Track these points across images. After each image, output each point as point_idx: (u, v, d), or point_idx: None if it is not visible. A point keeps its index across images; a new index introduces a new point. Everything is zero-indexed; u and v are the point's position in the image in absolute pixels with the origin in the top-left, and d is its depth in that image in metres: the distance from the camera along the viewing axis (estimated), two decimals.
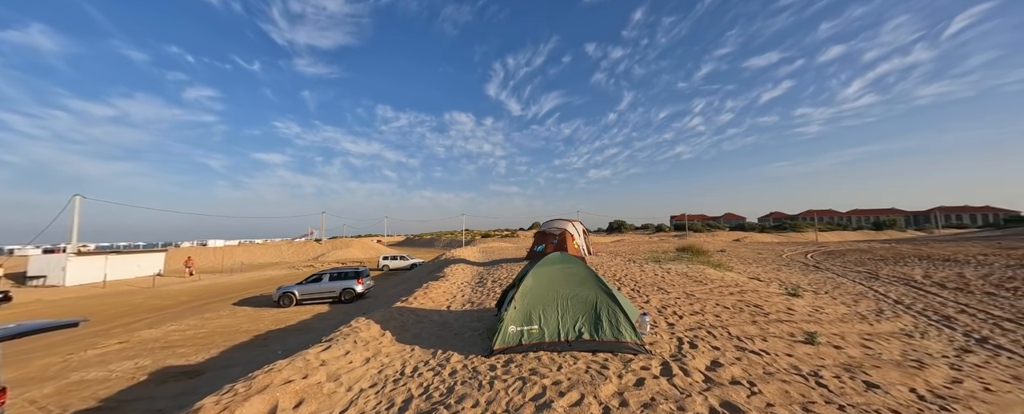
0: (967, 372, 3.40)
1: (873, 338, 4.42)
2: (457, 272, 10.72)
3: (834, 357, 3.47)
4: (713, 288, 6.79)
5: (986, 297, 7.27)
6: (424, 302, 6.30)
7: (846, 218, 63.16)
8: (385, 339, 3.92)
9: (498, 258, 16.42)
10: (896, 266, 12.36)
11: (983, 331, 5.08)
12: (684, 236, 36.43)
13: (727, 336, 3.91)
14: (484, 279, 8.99)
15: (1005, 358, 3.97)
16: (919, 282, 9.33)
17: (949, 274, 10.08)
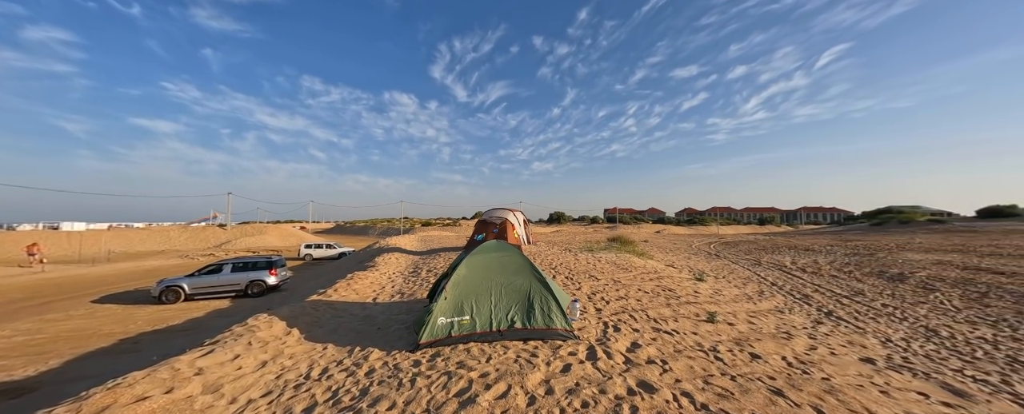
0: (820, 340, 4.19)
1: (756, 315, 5.22)
2: (390, 261, 10.05)
3: (728, 333, 3.98)
4: (636, 275, 7.40)
5: (832, 279, 9.18)
6: (346, 294, 5.72)
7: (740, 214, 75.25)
8: (290, 338, 3.40)
9: (437, 247, 15.88)
10: (773, 255, 14.95)
11: (829, 306, 6.37)
12: (615, 228, 39.65)
13: (646, 318, 4.23)
14: (419, 269, 8.55)
15: (843, 327, 5.02)
16: (788, 267, 11.42)
17: (809, 261, 12.52)
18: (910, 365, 3.52)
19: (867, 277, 9.14)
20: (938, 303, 6.45)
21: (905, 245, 14.69)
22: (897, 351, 4.02)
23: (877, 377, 3.08)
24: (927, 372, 3.34)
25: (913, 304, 6.48)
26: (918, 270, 9.21)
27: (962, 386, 3.03)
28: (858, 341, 4.31)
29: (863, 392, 2.62)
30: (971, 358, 3.88)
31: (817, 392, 2.46)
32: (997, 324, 5.13)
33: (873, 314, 5.85)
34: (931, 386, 3.00)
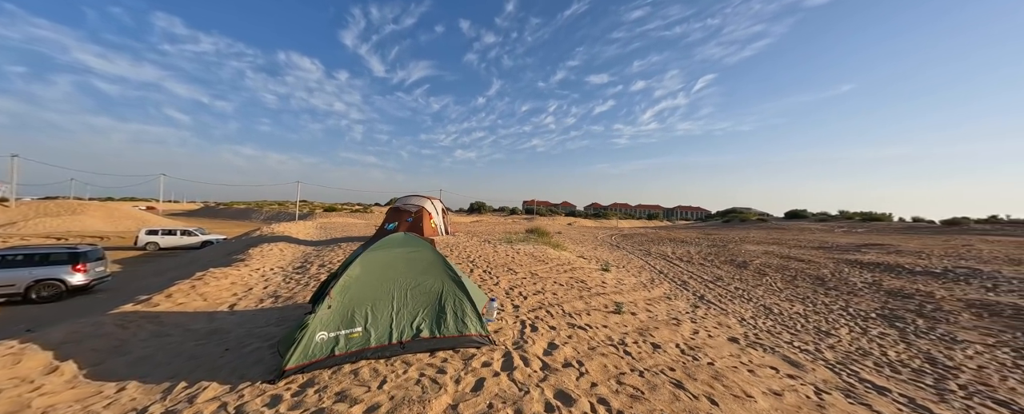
0: (699, 323, 4.83)
1: (651, 302, 5.81)
2: (270, 253, 8.27)
3: (632, 323, 4.26)
4: (552, 267, 7.60)
5: (701, 267, 11.08)
6: (187, 301, 4.30)
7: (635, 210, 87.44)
8: (55, 380, 2.23)
9: (340, 236, 13.94)
10: (659, 246, 17.46)
11: (701, 291, 7.57)
12: (532, 219, 41.55)
13: (562, 313, 4.23)
14: (308, 263, 7.17)
15: (713, 310, 5.96)
16: (670, 257, 13.45)
17: (684, 251, 14.98)
18: (760, 341, 4.29)
19: (723, 265, 11.31)
20: (769, 285, 8.29)
21: (745, 239, 18.82)
22: (750, 329, 4.90)
23: (743, 356, 3.61)
24: (772, 346, 4.09)
25: (754, 286, 8.19)
26: (754, 259, 11.78)
27: (795, 357, 3.76)
28: (724, 322, 5.13)
29: (738, 374, 2.99)
30: (794, 330, 4.97)
31: (707, 380, 2.69)
32: (805, 301, 6.79)
33: (730, 296, 7.17)
34: (777, 359, 3.65)
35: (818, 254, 12.20)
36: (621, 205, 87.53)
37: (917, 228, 21.84)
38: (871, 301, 6.47)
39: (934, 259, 9.80)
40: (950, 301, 5.99)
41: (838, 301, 6.62)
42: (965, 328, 4.85)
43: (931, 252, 11.19)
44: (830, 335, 4.73)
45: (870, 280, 7.94)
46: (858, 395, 2.87)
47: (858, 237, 17.36)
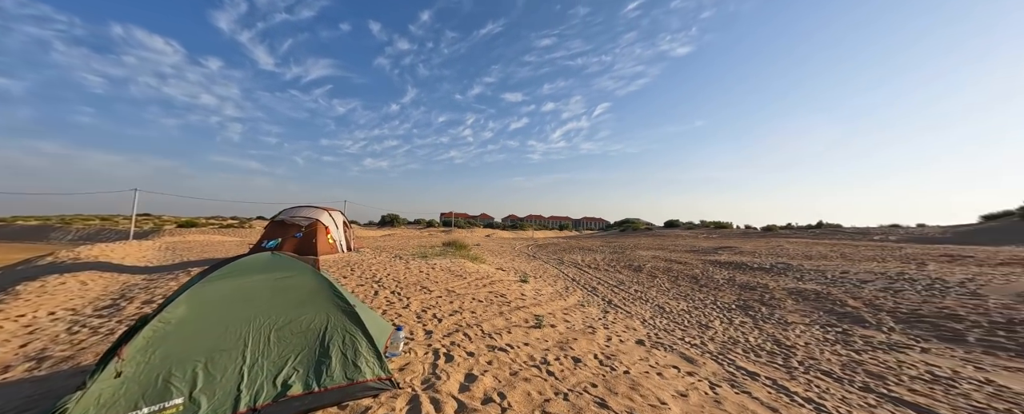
0: (611, 329, 5.07)
1: (568, 312, 5.93)
2: (56, 290, 5.79)
3: (553, 336, 4.17)
4: (471, 282, 7.21)
5: (606, 272, 12.13)
6: None
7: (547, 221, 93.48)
8: None
9: (196, 258, 10.94)
10: (570, 254, 18.67)
11: (609, 296, 8.17)
12: (450, 231, 40.33)
13: (481, 334, 3.88)
14: (126, 300, 5.16)
15: (620, 314, 6.42)
16: (580, 265, 14.44)
17: (591, 259, 16.32)
18: (661, 341, 4.69)
19: (623, 270, 12.63)
20: (659, 286, 9.49)
21: (637, 245, 21.64)
22: (651, 329, 5.37)
23: (650, 358, 3.83)
24: (669, 345, 4.49)
25: (648, 288, 9.27)
26: (646, 263, 13.49)
27: (688, 353, 4.18)
28: (631, 325, 5.52)
29: (650, 379, 3.10)
30: (683, 327, 5.64)
31: (627, 392, 2.69)
32: (686, 298, 7.92)
33: (632, 299, 7.91)
34: (676, 357, 3.98)
35: (690, 256, 14.71)
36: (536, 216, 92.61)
37: (748, 234, 28.58)
38: (730, 294, 7.91)
39: (763, 257, 12.76)
40: (778, 290, 7.71)
41: (709, 296, 7.91)
42: (790, 311, 6.24)
43: (760, 251, 14.61)
44: (709, 328, 5.51)
45: (728, 277, 9.78)
46: (739, 383, 3.25)
47: (714, 241, 21.75)
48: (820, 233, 24.72)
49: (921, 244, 14.73)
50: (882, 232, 22.18)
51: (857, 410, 2.82)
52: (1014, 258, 8.72)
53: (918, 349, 4.23)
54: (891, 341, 4.53)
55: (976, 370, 3.56)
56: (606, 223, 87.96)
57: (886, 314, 5.52)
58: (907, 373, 3.58)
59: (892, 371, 3.62)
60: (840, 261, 10.61)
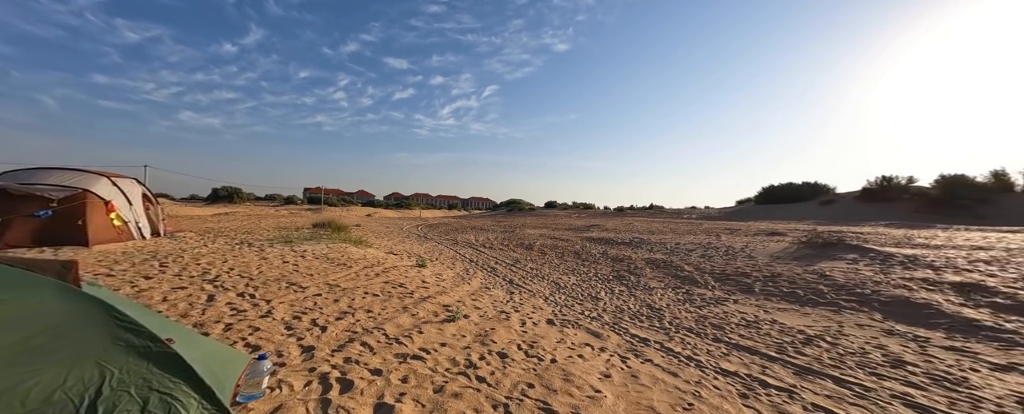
0: (522, 311, 5.06)
1: (475, 297, 5.66)
2: None
3: (470, 329, 3.81)
4: (359, 271, 6.05)
5: (501, 252, 12.45)
6: None
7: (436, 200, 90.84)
8: None
9: None
10: (463, 235, 18.48)
11: (509, 275, 8.32)
12: (320, 210, 34.21)
13: (386, 341, 3.17)
14: None
15: (524, 293, 6.56)
16: (475, 245, 14.42)
17: (485, 238, 16.53)
18: (566, 318, 4.95)
19: (517, 248, 13.25)
20: (551, 262, 10.30)
21: (525, 224, 23.21)
22: (554, 306, 5.65)
23: (565, 339, 3.94)
24: (575, 321, 4.79)
25: (541, 265, 9.94)
26: (536, 241, 14.52)
27: (592, 327, 4.52)
28: (537, 304, 5.68)
29: (575, 364, 3.13)
30: (580, 300, 6.18)
31: (563, 386, 2.60)
32: (574, 272, 8.82)
33: (530, 277, 8.29)
34: (585, 334, 4.23)
35: (570, 234, 16.64)
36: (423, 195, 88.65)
37: (607, 214, 34.62)
38: (606, 267, 9.22)
39: (623, 233, 15.53)
40: (639, 261, 9.41)
41: (591, 269, 9.01)
42: (651, 278, 7.66)
43: (620, 229, 17.77)
44: (598, 299, 6.19)
45: (601, 251, 11.41)
46: (640, 352, 3.66)
47: (585, 220, 25.39)
48: (653, 213, 31.94)
49: (711, 221, 20.74)
50: (688, 212, 30.34)
51: (718, 360, 3.52)
52: (761, 230, 13.13)
53: (731, 301, 5.76)
54: (716, 296, 6.04)
55: (765, 313, 5.06)
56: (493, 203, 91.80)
57: (709, 275, 7.39)
58: (731, 321, 4.78)
59: (724, 321, 4.77)
60: (672, 235, 13.83)
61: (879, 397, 2.82)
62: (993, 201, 17.91)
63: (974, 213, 17.09)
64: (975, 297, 4.99)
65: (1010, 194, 18.49)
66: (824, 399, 2.78)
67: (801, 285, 6.22)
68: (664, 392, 2.72)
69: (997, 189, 18.74)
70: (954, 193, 18.59)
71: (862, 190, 22.68)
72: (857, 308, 5.09)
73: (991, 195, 18.32)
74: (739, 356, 3.65)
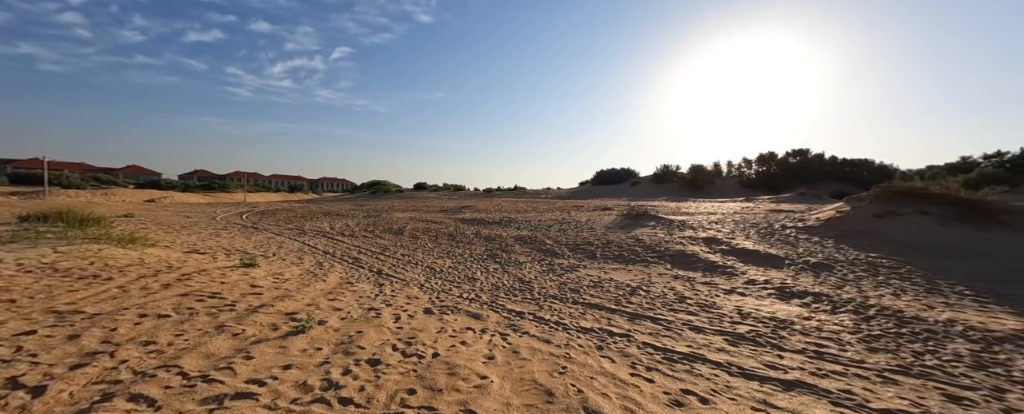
0: (395, 304, 4.52)
1: (334, 296, 4.72)
2: None
3: (327, 338, 3.09)
4: (128, 284, 4.02)
5: (365, 239, 11.00)
6: None
7: (269, 181, 72.24)
8: None
9: None
10: (313, 222, 15.47)
11: (376, 265, 7.40)
12: (41, 195, 21.56)
13: (183, 385, 2.16)
14: None
15: (396, 282, 5.93)
16: (330, 233, 12.26)
17: (343, 225, 14.28)
18: (445, 303, 4.75)
19: (384, 234, 12.01)
20: (423, 247, 9.79)
21: (392, 208, 21.38)
22: (430, 293, 5.34)
23: (446, 327, 3.74)
24: (454, 306, 4.65)
25: (414, 250, 9.32)
26: (406, 225, 13.57)
27: (471, 309, 4.49)
28: (411, 293, 5.23)
29: (458, 353, 2.98)
30: (457, 283, 6.07)
31: (447, 381, 2.39)
32: (449, 255, 8.66)
33: (402, 264, 7.62)
34: (465, 318, 4.15)
35: (443, 216, 16.33)
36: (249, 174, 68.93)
37: (477, 195, 35.86)
38: (480, 247, 9.47)
39: (493, 213, 16.35)
40: (508, 239, 10.09)
41: (466, 250, 9.07)
42: (520, 254, 8.32)
43: (490, 209, 18.65)
44: (475, 280, 6.26)
45: (474, 232, 11.67)
46: (518, 326, 3.84)
47: (457, 202, 25.49)
48: (518, 194, 35.05)
49: (563, 200, 24.38)
50: (545, 193, 34.77)
51: (579, 319, 4.08)
52: (597, 206, 16.28)
53: (582, 267, 6.87)
54: (571, 264, 7.08)
55: (605, 274, 6.25)
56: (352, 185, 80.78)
57: (565, 246, 8.60)
58: (584, 284, 5.68)
59: (578, 285, 5.62)
60: (535, 213, 15.48)
61: (676, 327, 3.88)
62: (715, 183, 28.09)
63: (707, 191, 26.35)
64: (713, 246, 7.62)
65: (722, 178, 29.36)
66: (648, 337, 3.61)
67: (625, 248, 8.02)
68: (542, 361, 2.92)
69: (716, 174, 29.41)
70: (697, 177, 28.14)
71: (653, 175, 31.35)
72: (657, 262, 6.94)
73: (714, 178, 28.61)
74: (592, 313, 4.34)
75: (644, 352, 3.24)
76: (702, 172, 28.95)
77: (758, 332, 3.70)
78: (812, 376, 2.80)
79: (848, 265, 6.20)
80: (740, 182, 26.84)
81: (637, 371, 2.84)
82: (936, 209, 8.05)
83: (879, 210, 8.54)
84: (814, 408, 2.37)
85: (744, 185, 26.02)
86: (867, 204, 9.00)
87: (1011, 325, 3.66)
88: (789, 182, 23.12)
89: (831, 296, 4.79)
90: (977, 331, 3.58)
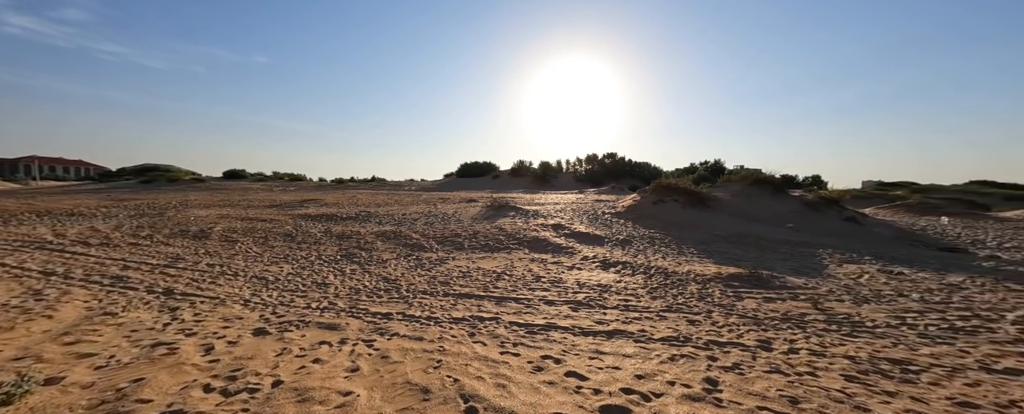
0: (201, 333, 3.33)
1: (75, 336, 3.07)
2: None
3: (68, 402, 1.97)
4: None
5: (136, 248, 7.62)
6: None
7: None
8: None
9: None
10: (14, 227, 9.66)
11: (161, 283, 5.25)
12: None
13: None
14: None
15: (202, 303, 4.36)
16: (56, 243, 7.90)
17: (84, 229, 9.44)
18: (286, 318, 3.86)
19: (173, 238, 8.66)
20: (246, 252, 7.60)
21: (187, 203, 15.63)
22: (262, 309, 4.22)
23: (290, 346, 3.04)
24: (300, 319, 3.84)
25: (231, 258, 7.11)
26: (214, 225, 10.21)
27: (326, 319, 3.83)
28: (230, 313, 3.97)
29: (312, 374, 2.47)
30: (302, 293, 5.02)
31: (299, 411, 1.95)
32: (288, 259, 7.05)
33: (210, 278, 5.68)
34: (317, 330, 3.49)
35: (275, 213, 13.11)
36: None
37: (324, 186, 30.50)
38: (332, 247, 8.15)
39: (346, 207, 14.29)
40: (368, 235, 9.09)
41: (312, 252, 7.62)
42: (383, 251, 7.64)
43: (343, 203, 16.21)
44: (327, 285, 5.36)
45: (323, 229, 9.93)
46: (385, 329, 3.54)
47: (296, 195, 20.89)
48: (376, 185, 31.89)
49: (428, 192, 23.75)
50: (408, 184, 32.96)
51: (450, 310, 4.12)
52: (463, 198, 16.67)
53: (451, 259, 6.93)
54: (440, 257, 7.03)
55: (473, 263, 6.51)
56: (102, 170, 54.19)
57: (432, 240, 8.44)
58: (453, 275, 5.76)
59: (449, 277, 5.65)
60: (398, 206, 14.47)
61: (535, 303, 4.46)
62: (559, 177, 33.60)
63: (552, 184, 31.18)
64: (559, 231, 9.11)
65: (563, 173, 35.36)
66: (514, 316, 4.01)
67: (490, 238, 8.57)
68: (415, 360, 2.79)
69: (559, 170, 35.18)
70: (545, 173, 32.91)
71: (511, 169, 34.62)
72: (518, 248, 7.76)
73: (557, 174, 34.12)
74: (463, 302, 4.46)
75: (511, 330, 3.58)
76: (549, 168, 33.94)
77: (591, 297, 4.70)
78: (623, 324, 3.79)
79: (640, 239, 8.63)
80: (575, 177, 32.95)
81: (506, 349, 3.12)
82: (681, 198, 12.20)
83: (655, 199, 12.23)
84: (626, 347, 3.21)
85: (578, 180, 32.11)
86: (649, 195, 12.73)
87: (712, 270, 6.00)
88: (605, 178, 30.04)
89: (631, 263, 6.57)
90: (700, 276, 5.68)
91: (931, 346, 3.24)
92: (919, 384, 2.57)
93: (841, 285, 5.34)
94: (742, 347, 3.22)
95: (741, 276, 5.59)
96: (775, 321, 3.91)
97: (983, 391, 2.46)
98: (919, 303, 4.50)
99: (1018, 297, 4.76)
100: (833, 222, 11.09)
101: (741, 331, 3.60)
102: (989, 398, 2.37)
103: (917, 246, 9.03)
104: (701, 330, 3.63)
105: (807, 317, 4.02)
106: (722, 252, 7.65)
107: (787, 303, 4.52)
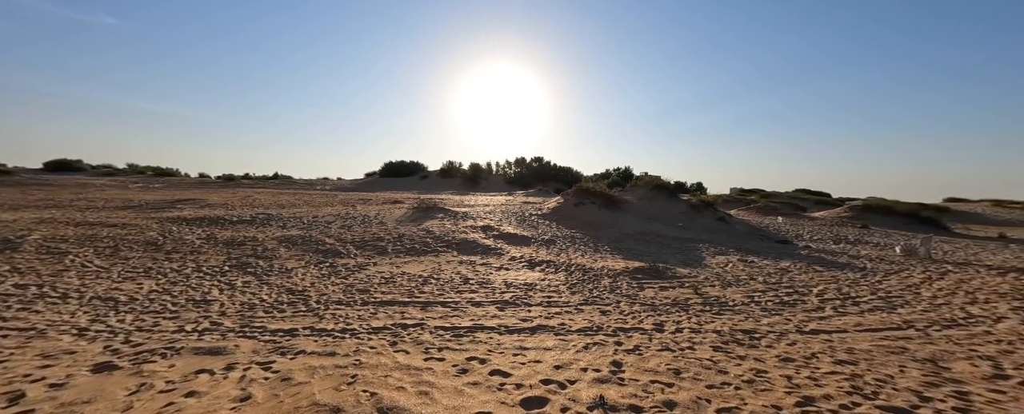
0: (11, 376, 2.42)
1: None
2: None
3: None
4: None
5: None
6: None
7: None
8: None
9: None
10: None
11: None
12: None
13: None
14: None
15: (15, 338, 3.18)
16: None
17: None
18: (144, 346, 3.08)
19: None
20: (82, 266, 5.86)
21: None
22: (106, 338, 3.29)
23: (152, 380, 2.44)
24: (166, 347, 3.11)
25: (57, 275, 5.40)
26: (29, 233, 7.67)
27: (205, 343, 3.18)
28: (54, 349, 3.00)
29: (182, 411, 2.01)
30: (171, 313, 4.07)
31: None
32: (150, 273, 5.64)
33: (18, 303, 4.19)
34: (192, 359, 2.88)
35: (132, 215, 10.40)
36: None
37: (207, 183, 25.28)
38: (216, 255, 6.82)
39: (239, 209, 12.09)
40: (268, 241, 7.86)
41: (187, 264, 6.26)
42: (287, 259, 6.69)
43: (234, 203, 13.66)
44: (209, 302, 4.46)
45: (204, 235, 8.24)
46: (288, 348, 3.11)
47: (163, 193, 16.83)
48: (280, 183, 27.75)
49: (345, 192, 21.58)
50: (321, 183, 29.46)
51: (370, 320, 3.83)
52: (387, 199, 15.59)
53: (372, 264, 6.43)
54: (359, 263, 6.46)
55: (397, 268, 6.15)
56: None
57: (350, 244, 7.70)
58: (374, 282, 5.36)
59: (368, 284, 5.24)
60: (308, 208, 12.81)
61: (462, 306, 4.43)
62: (489, 179, 33.91)
63: (483, 186, 31.33)
64: (488, 232, 9.20)
65: (493, 175, 35.83)
66: (440, 320, 3.91)
67: (417, 240, 8.21)
68: (325, 378, 2.51)
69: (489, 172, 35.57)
70: (475, 174, 32.94)
71: (441, 170, 33.73)
72: (446, 250, 7.59)
73: (488, 175, 34.43)
74: (384, 310, 4.18)
75: (436, 335, 3.48)
76: (479, 170, 34.03)
77: (517, 296, 4.86)
78: (546, 319, 4.02)
79: (562, 239, 9.26)
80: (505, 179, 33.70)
81: (430, 354, 3.03)
82: (598, 200, 13.49)
83: (576, 201, 13.27)
84: (547, 341, 3.41)
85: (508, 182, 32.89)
86: (571, 197, 13.75)
87: (621, 265, 6.78)
88: (533, 181, 31.42)
89: (555, 262, 7.01)
90: (611, 270, 6.36)
91: (768, 317, 4.22)
92: (759, 347, 3.32)
93: (714, 273, 6.57)
94: (641, 331, 3.71)
95: (644, 269, 6.44)
96: (667, 306, 4.61)
97: (797, 348, 3.30)
98: (763, 284, 5.81)
99: (820, 275, 6.52)
100: (709, 221, 13.53)
101: (642, 317, 4.15)
102: (800, 353, 3.19)
103: (764, 240, 11.64)
104: (611, 319, 4.07)
105: (690, 301, 4.84)
106: (629, 248, 8.69)
107: (676, 290, 5.37)
